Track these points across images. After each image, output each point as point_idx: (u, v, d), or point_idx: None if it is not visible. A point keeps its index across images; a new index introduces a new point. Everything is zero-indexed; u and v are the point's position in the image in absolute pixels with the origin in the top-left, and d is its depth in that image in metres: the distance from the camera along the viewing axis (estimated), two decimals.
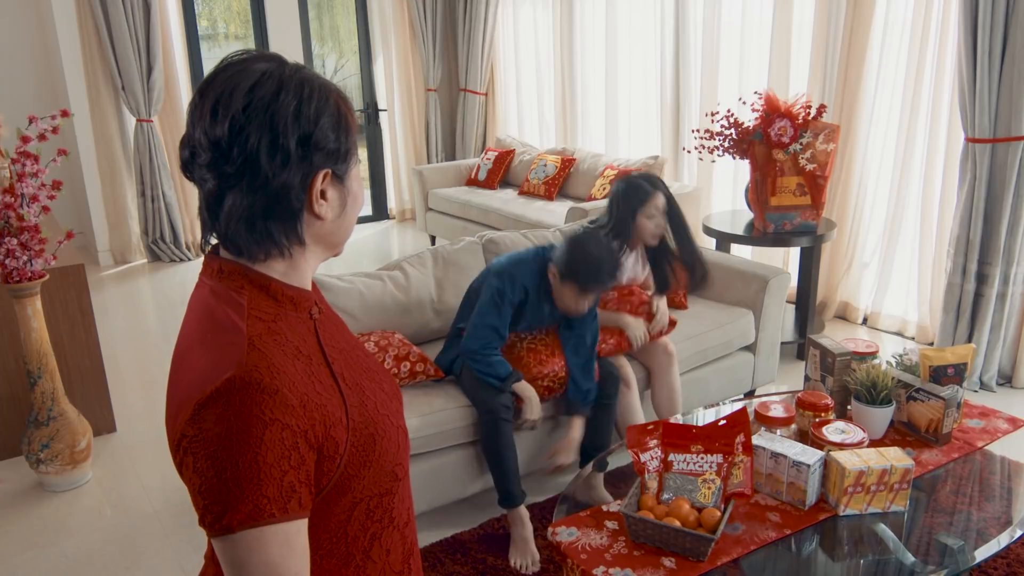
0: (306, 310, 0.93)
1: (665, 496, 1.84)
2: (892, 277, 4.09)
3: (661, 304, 2.81)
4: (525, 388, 2.45)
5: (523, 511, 2.43)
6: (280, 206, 0.86)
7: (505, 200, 5.32)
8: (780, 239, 3.66)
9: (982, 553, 1.73)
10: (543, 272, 2.48)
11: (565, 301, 2.44)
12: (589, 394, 2.54)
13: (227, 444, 0.77)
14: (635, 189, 2.73)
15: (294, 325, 0.90)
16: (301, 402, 0.82)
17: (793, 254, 4.30)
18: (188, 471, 0.80)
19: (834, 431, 2.00)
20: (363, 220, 7.06)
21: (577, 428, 2.52)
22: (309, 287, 0.95)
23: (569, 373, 2.54)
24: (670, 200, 2.76)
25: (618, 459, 2.31)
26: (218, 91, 0.83)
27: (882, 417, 2.13)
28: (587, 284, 2.36)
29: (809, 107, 3.50)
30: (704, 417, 2.37)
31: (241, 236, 0.86)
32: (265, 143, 0.82)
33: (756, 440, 1.92)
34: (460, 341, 2.62)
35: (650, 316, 2.77)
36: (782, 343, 3.43)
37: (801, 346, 3.79)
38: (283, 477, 0.79)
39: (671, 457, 1.87)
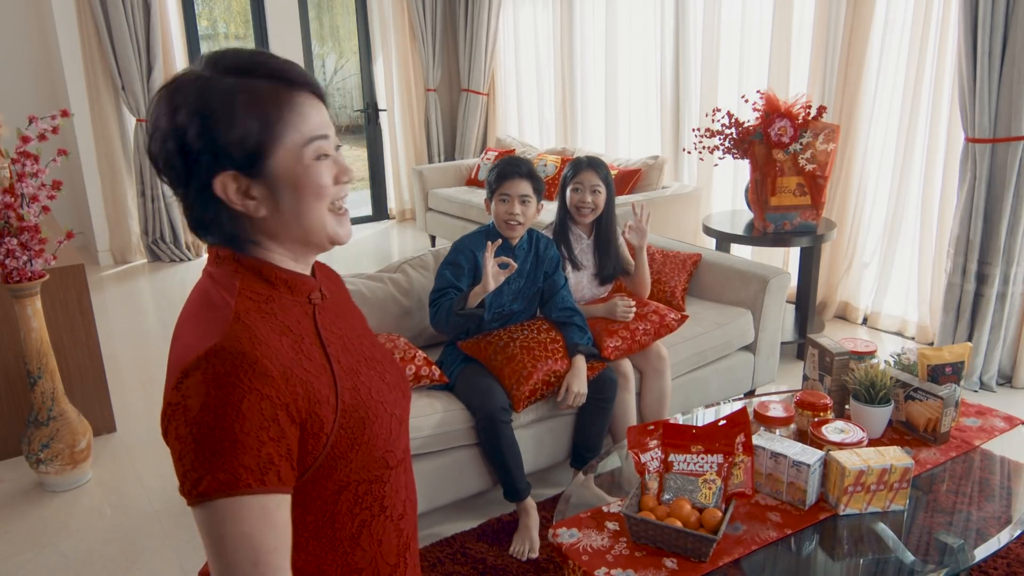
0: (304, 294, 0.95)
1: (666, 497, 1.84)
2: (892, 277, 4.09)
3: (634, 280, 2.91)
4: (474, 293, 2.42)
5: (529, 502, 2.47)
6: (209, 210, 0.89)
7: None
8: (780, 239, 3.66)
9: (982, 552, 1.73)
10: (490, 234, 2.59)
11: (495, 218, 2.55)
12: (586, 335, 2.62)
13: (206, 410, 0.79)
14: (570, 167, 2.84)
15: (288, 306, 0.92)
16: (283, 375, 0.83)
17: (793, 254, 4.30)
18: (171, 438, 0.82)
19: (833, 431, 2.00)
20: (363, 220, 7.06)
21: (579, 363, 2.54)
22: (309, 273, 0.97)
23: (567, 332, 2.60)
24: (609, 186, 2.81)
25: (611, 460, 2.31)
26: (150, 111, 0.90)
27: (880, 416, 2.14)
28: (492, 176, 2.55)
29: (809, 107, 3.51)
30: (704, 417, 2.37)
31: (208, 233, 0.92)
32: (173, 156, 0.87)
33: (756, 440, 1.92)
34: (451, 348, 2.65)
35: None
36: (782, 343, 3.44)
37: (801, 346, 3.79)
38: (261, 448, 0.80)
39: (671, 457, 1.87)
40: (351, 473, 0.91)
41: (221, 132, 0.85)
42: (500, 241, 2.49)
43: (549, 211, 3.34)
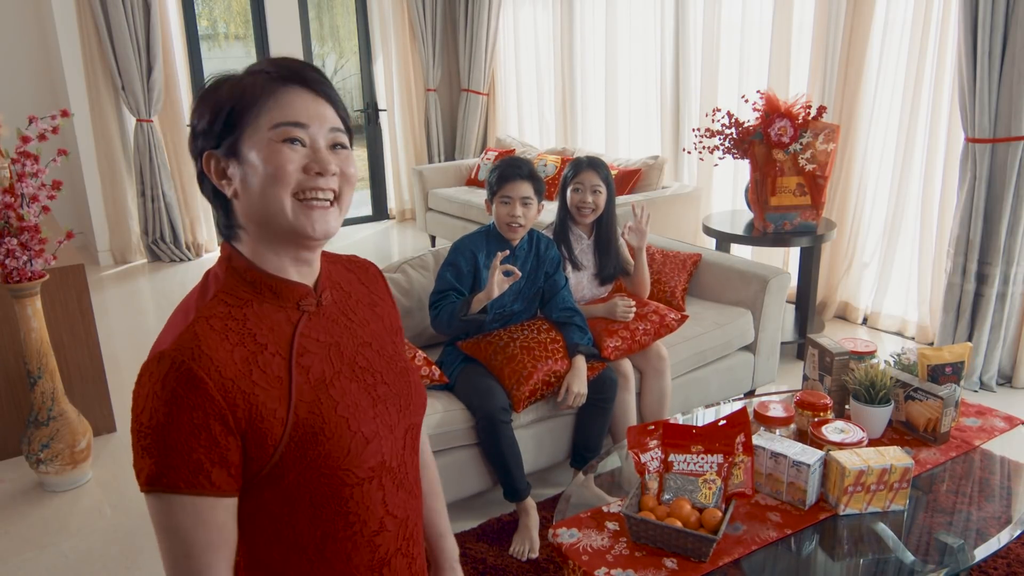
0: (292, 300, 0.95)
1: (666, 497, 1.84)
2: (892, 277, 4.09)
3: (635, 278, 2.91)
4: (478, 300, 2.43)
5: (529, 502, 2.48)
6: (206, 190, 0.96)
7: None
8: (780, 239, 3.66)
9: (982, 552, 1.73)
10: (490, 234, 2.59)
11: (496, 219, 2.55)
12: (586, 336, 2.62)
13: (144, 412, 0.85)
14: (570, 168, 2.84)
15: (267, 313, 0.93)
16: (220, 386, 0.85)
17: (793, 254, 4.30)
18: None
19: (833, 431, 2.00)
20: (363, 220, 7.06)
21: (579, 363, 2.54)
22: (306, 281, 0.97)
23: (567, 332, 2.60)
24: (609, 186, 2.81)
25: (611, 460, 2.31)
26: None
27: (880, 416, 2.14)
28: (493, 178, 2.55)
29: (809, 107, 3.51)
30: (704, 417, 2.37)
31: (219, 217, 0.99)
32: (190, 143, 0.96)
33: (756, 440, 1.92)
34: (451, 348, 2.65)
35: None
36: (782, 343, 3.44)
37: (801, 346, 3.79)
38: (190, 453, 0.84)
39: (671, 457, 1.87)
40: (301, 485, 0.91)
41: (207, 116, 0.92)
42: (507, 252, 2.49)
43: (549, 211, 3.34)
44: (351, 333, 1.00)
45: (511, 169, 2.53)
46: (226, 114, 0.90)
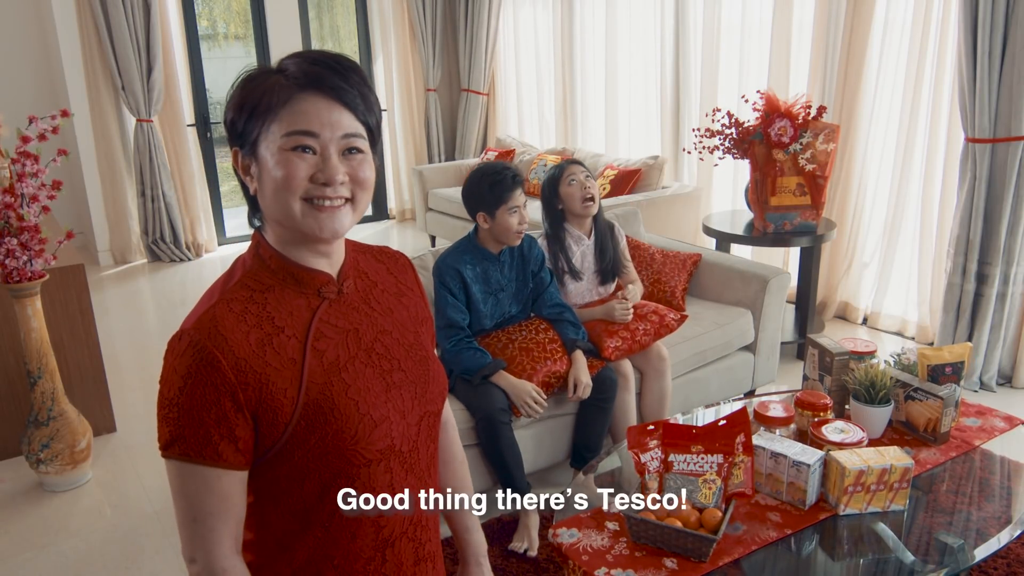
0: (314, 287, 0.98)
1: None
2: (892, 277, 4.09)
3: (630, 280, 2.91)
4: (503, 379, 2.44)
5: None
6: (239, 180, 1.00)
7: None
8: (780, 239, 3.66)
9: (982, 552, 1.73)
10: (469, 247, 2.56)
11: (502, 230, 2.50)
12: (580, 331, 2.63)
13: (163, 383, 0.92)
14: (553, 169, 2.86)
15: (288, 298, 0.97)
16: (234, 366, 0.89)
17: (793, 254, 4.30)
18: None
19: (833, 431, 2.00)
20: (363, 220, 7.06)
21: (580, 357, 2.56)
22: (328, 269, 1.00)
23: (561, 328, 2.61)
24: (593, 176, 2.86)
25: (611, 460, 2.31)
26: None
27: (880, 416, 2.14)
28: (496, 191, 2.45)
29: (809, 107, 3.50)
30: (704, 417, 2.37)
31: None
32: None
33: (756, 440, 1.92)
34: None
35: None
36: (782, 343, 3.43)
37: (801, 346, 3.79)
38: (200, 426, 0.90)
39: (671, 457, 1.87)
40: (310, 463, 0.95)
41: (231, 112, 0.96)
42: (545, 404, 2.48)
43: (538, 208, 3.31)
44: (371, 320, 1.03)
45: (510, 180, 2.48)
46: (247, 115, 0.94)
